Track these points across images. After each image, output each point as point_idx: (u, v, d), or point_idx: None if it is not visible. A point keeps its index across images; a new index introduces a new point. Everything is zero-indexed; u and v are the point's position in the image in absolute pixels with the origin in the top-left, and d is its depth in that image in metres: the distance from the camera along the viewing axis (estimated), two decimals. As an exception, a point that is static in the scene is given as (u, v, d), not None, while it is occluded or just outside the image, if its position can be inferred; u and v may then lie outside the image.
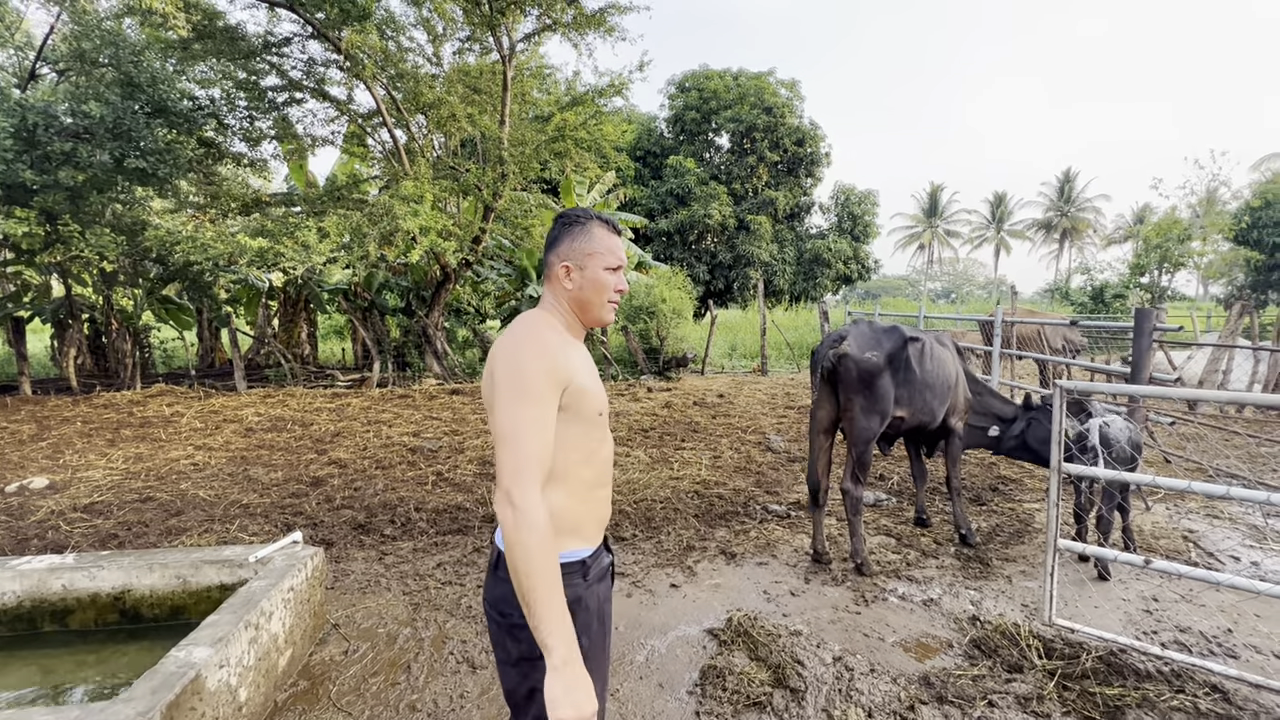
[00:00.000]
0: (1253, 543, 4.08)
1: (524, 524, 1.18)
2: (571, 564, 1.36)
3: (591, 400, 1.37)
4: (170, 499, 4.84)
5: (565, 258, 1.44)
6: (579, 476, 1.37)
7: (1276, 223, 18.41)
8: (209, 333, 13.60)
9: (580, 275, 1.43)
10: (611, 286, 1.46)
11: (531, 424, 1.24)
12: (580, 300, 1.45)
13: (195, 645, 2.10)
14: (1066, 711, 2.40)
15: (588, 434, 1.37)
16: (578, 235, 1.44)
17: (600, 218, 1.47)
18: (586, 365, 1.41)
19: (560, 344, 1.34)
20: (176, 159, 8.50)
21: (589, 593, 1.38)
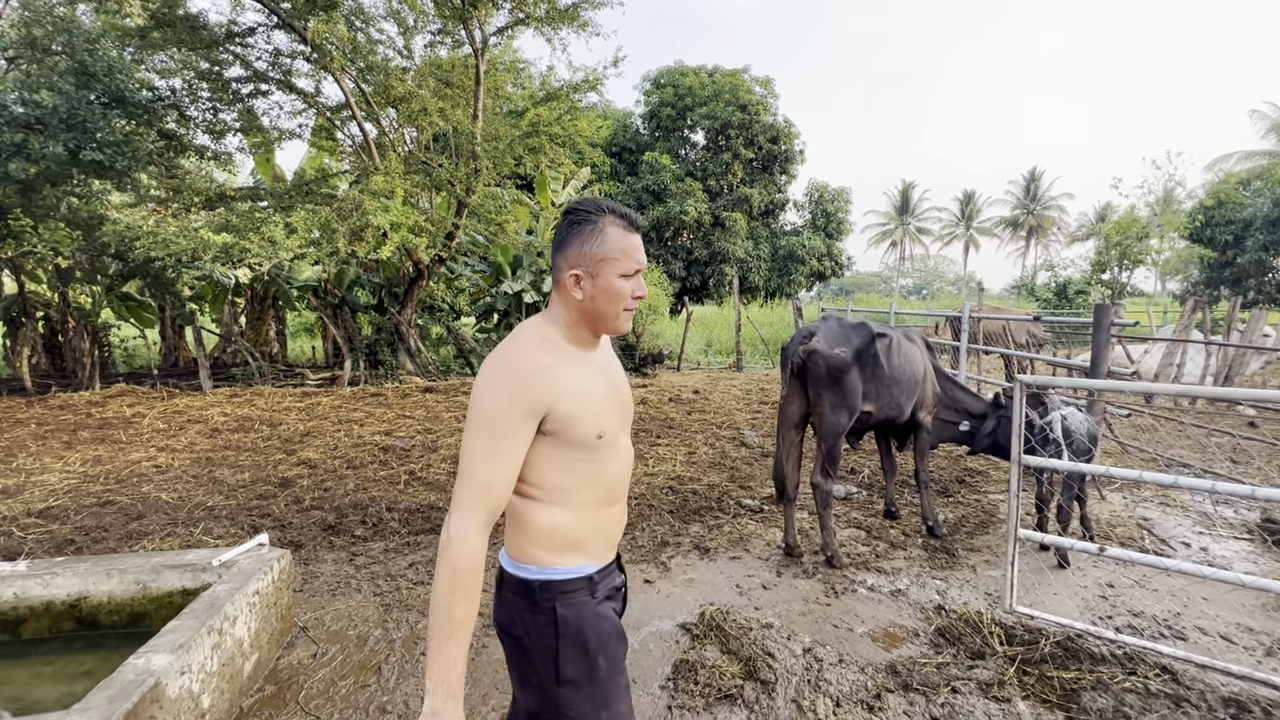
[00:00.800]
0: (1202, 529, 4.26)
1: (446, 554, 1.13)
2: (575, 580, 1.28)
3: (584, 425, 1.23)
4: (131, 502, 4.70)
5: (574, 264, 1.26)
6: (578, 499, 1.28)
7: (1229, 221, 19.14)
8: (172, 331, 13.20)
9: (591, 285, 1.26)
10: (629, 295, 1.28)
11: (481, 453, 1.17)
12: (591, 312, 1.28)
13: (155, 652, 2.05)
14: (1025, 695, 2.48)
15: (585, 458, 1.26)
16: (588, 237, 1.25)
17: (616, 212, 1.28)
18: (585, 383, 1.26)
19: (545, 367, 1.20)
20: (136, 151, 8.22)
21: (595, 613, 1.28)
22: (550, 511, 1.26)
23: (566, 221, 1.30)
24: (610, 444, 1.30)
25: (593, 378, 1.29)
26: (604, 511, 1.32)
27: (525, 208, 13.37)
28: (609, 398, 1.32)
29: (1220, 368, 8.39)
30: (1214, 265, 20.28)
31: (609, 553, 1.36)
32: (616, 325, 1.30)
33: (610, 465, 1.32)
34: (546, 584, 1.27)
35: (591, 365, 1.31)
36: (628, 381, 1.45)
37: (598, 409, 1.27)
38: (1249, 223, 18.53)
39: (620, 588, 1.41)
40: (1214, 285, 20.46)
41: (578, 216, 1.28)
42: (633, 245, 1.28)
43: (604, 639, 1.27)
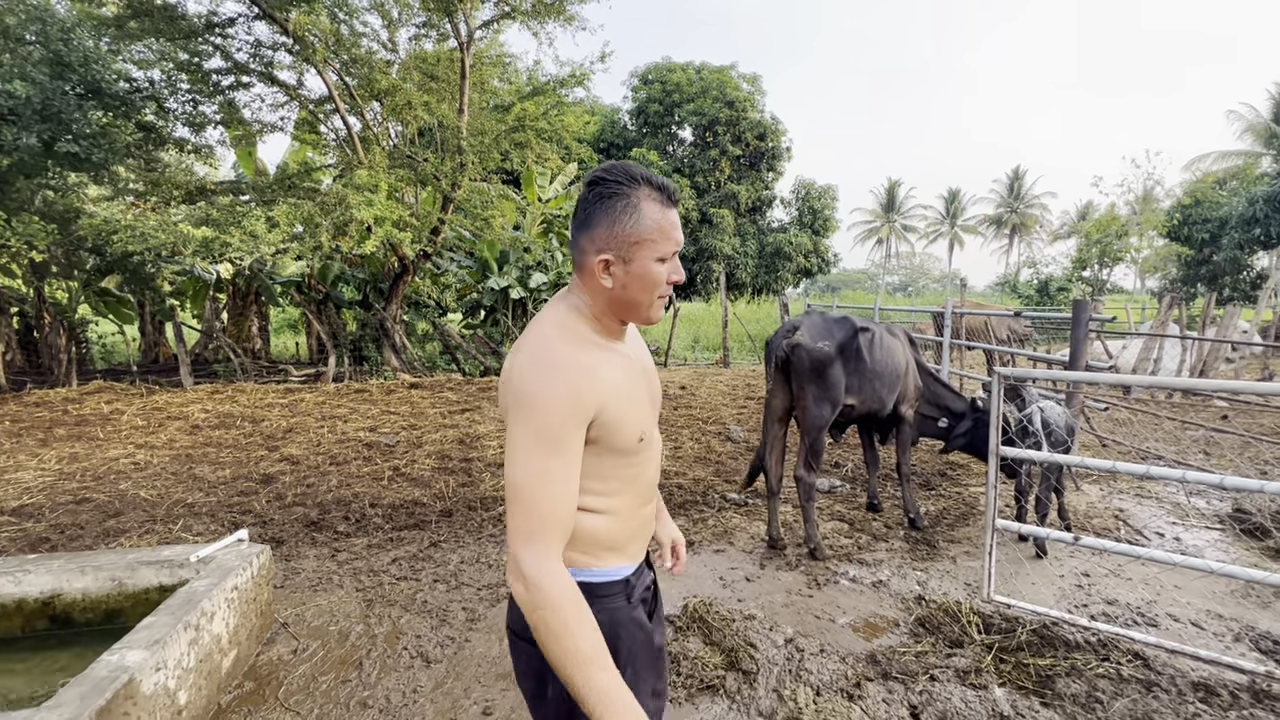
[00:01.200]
0: (1175, 519, 4.35)
1: (542, 603, 0.97)
2: (614, 584, 1.19)
3: (628, 428, 1.12)
4: (108, 500, 4.63)
5: (604, 247, 1.09)
6: (618, 503, 1.18)
7: (1205, 220, 19.50)
8: (152, 327, 13.00)
9: (624, 271, 1.10)
10: (664, 280, 1.12)
11: (547, 478, 1.00)
12: (622, 300, 1.13)
13: (129, 648, 2.02)
14: (1002, 682, 2.52)
15: (627, 462, 1.16)
16: (620, 215, 1.08)
17: (652, 182, 1.10)
18: (624, 382, 1.14)
19: (588, 365, 1.07)
20: (113, 143, 8.07)
21: (632, 616, 1.20)
22: (591, 517, 1.15)
23: (593, 194, 1.10)
24: (648, 445, 1.20)
25: (628, 373, 1.16)
26: (642, 512, 1.25)
27: (512, 203, 13.31)
28: (643, 394, 1.21)
29: (1196, 362, 8.56)
30: (1191, 263, 20.65)
31: (643, 552, 1.29)
32: (649, 315, 1.16)
33: (649, 466, 1.23)
34: (583, 585, 1.15)
35: (623, 358, 1.18)
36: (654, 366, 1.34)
37: (638, 409, 1.16)
38: (1224, 221, 18.88)
39: (650, 586, 1.33)
40: (1191, 282, 20.84)
41: (606, 188, 1.09)
42: (670, 223, 1.11)
43: (635, 649, 1.19)
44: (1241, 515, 4.16)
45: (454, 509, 4.53)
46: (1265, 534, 3.87)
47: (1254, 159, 24.13)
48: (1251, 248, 18.65)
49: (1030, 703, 2.40)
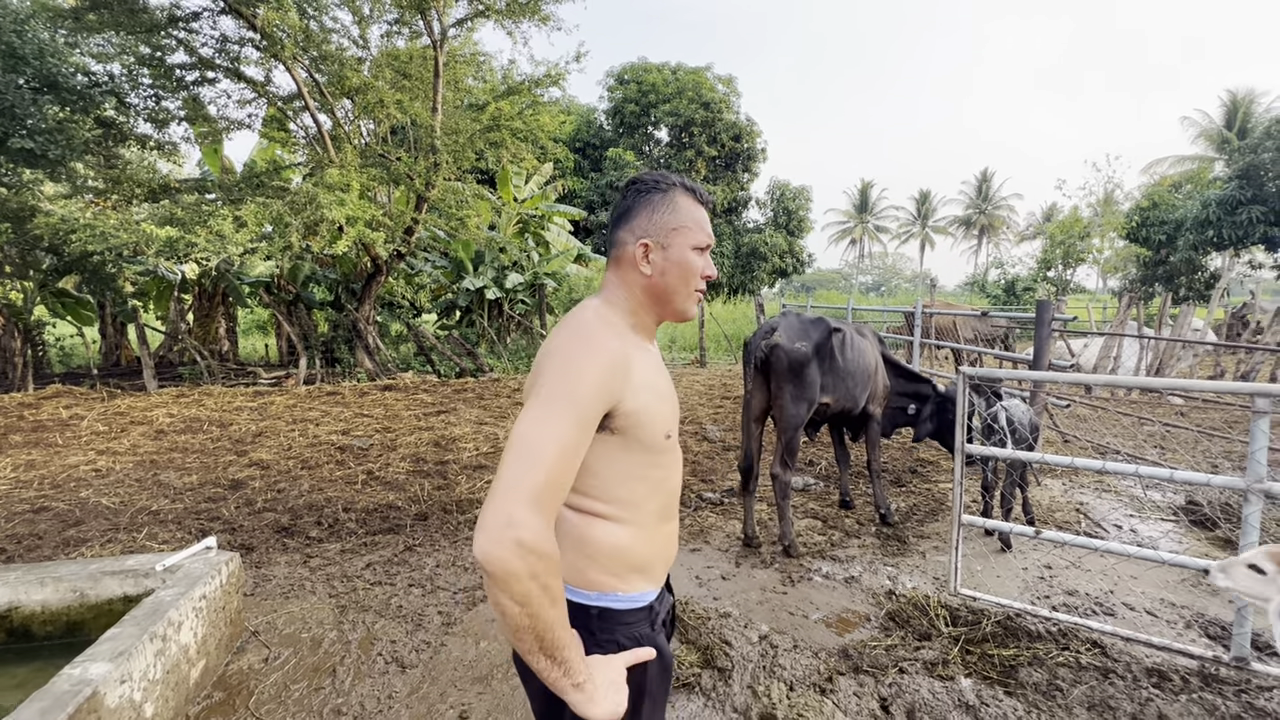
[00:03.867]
0: (1133, 512, 4.52)
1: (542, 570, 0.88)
2: (639, 610, 1.13)
3: (657, 423, 1.11)
4: (68, 508, 4.49)
5: (644, 233, 1.15)
6: (646, 510, 1.14)
7: (1162, 222, 20.22)
8: (113, 329, 12.61)
9: (663, 257, 1.15)
10: (699, 272, 1.18)
11: (558, 439, 0.95)
12: (659, 290, 1.16)
13: (92, 661, 1.97)
14: (968, 673, 2.60)
15: (654, 462, 1.13)
16: (659, 205, 1.16)
17: (685, 184, 1.18)
18: (654, 378, 1.13)
19: (623, 352, 1.06)
20: (70, 139, 7.82)
21: (656, 644, 1.14)
22: (618, 531, 1.11)
23: (632, 191, 1.19)
24: (674, 448, 1.19)
25: (658, 371, 1.17)
26: (666, 528, 1.21)
27: (487, 203, 13.20)
28: (673, 394, 1.21)
29: (1153, 361, 8.88)
30: (1149, 263, 21.40)
31: (665, 575, 1.24)
32: (685, 308, 1.19)
33: (675, 472, 1.21)
34: (607, 612, 1.10)
35: (653, 357, 1.19)
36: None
37: (668, 406, 1.15)
38: (1180, 223, 19.60)
39: (671, 610, 1.29)
40: (1149, 282, 21.60)
41: (645, 185, 1.18)
42: (703, 218, 1.19)
43: (656, 678, 1.14)
44: (1193, 507, 4.34)
45: (429, 512, 4.49)
46: (1214, 525, 4.05)
47: (1207, 163, 25.10)
48: (1205, 249, 19.40)
49: (995, 692, 2.48)
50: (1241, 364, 9.28)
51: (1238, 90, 25.28)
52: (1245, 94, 25.08)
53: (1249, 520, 2.41)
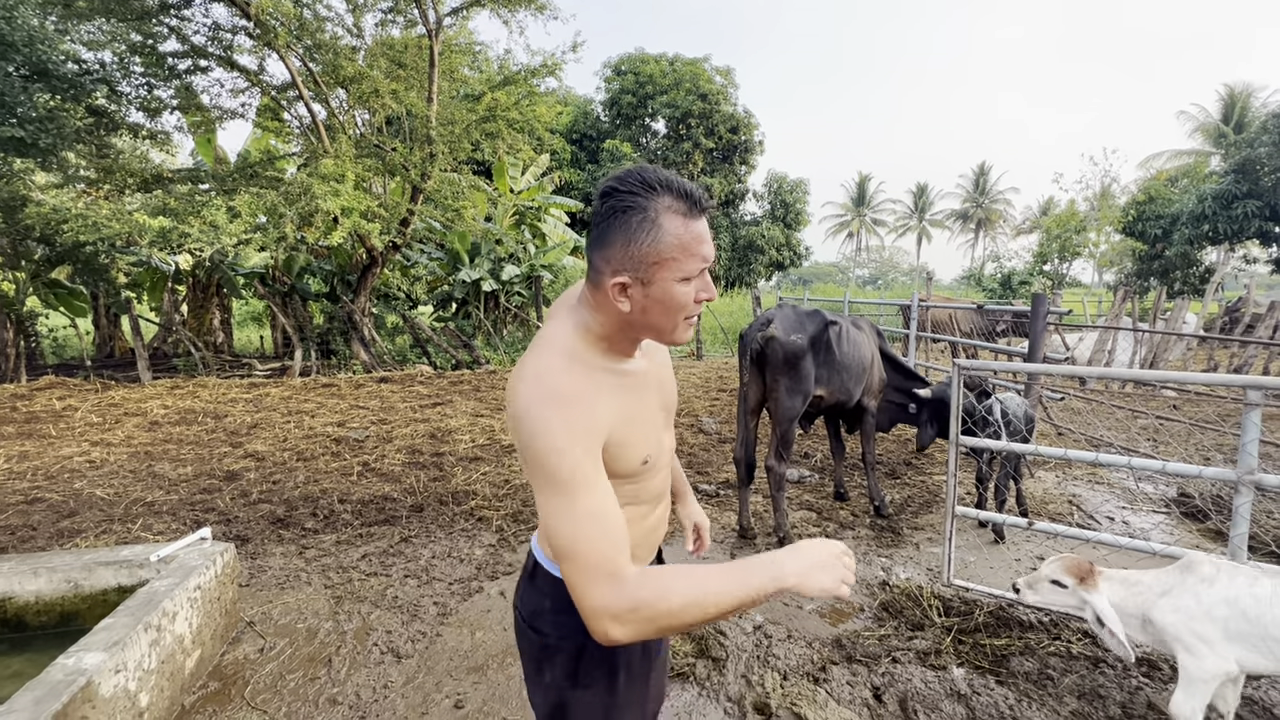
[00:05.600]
0: (1125, 504, 4.55)
1: (649, 613, 0.87)
2: None
3: (631, 452, 1.06)
4: (62, 499, 4.48)
5: (620, 268, 0.98)
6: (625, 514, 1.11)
7: (1158, 216, 20.25)
8: (107, 320, 12.55)
9: (643, 294, 0.99)
10: (691, 300, 1.01)
11: (584, 520, 0.92)
12: (640, 325, 1.03)
13: (87, 651, 1.97)
14: (960, 663, 2.62)
15: (629, 481, 1.11)
16: (636, 231, 0.96)
17: (673, 189, 0.97)
18: (629, 405, 1.06)
19: (589, 397, 0.98)
20: (61, 128, 7.74)
21: None
22: None
23: (605, 207, 0.98)
24: (654, 466, 1.14)
25: (632, 396, 1.08)
26: (648, 520, 1.19)
27: (483, 194, 13.14)
28: (651, 414, 1.14)
29: (1147, 354, 8.92)
30: (1145, 258, 21.44)
31: (652, 553, 1.25)
32: (674, 338, 1.05)
33: (653, 481, 1.17)
34: None
35: (630, 379, 1.10)
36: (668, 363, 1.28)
37: (642, 432, 1.09)
38: (1176, 218, 19.64)
39: None
40: (1145, 276, 21.65)
41: (620, 200, 0.96)
42: (695, 236, 0.97)
43: (632, 653, 1.17)
44: (1185, 499, 4.38)
45: (425, 504, 4.50)
46: (1206, 517, 4.08)
47: (1204, 158, 25.13)
48: (1200, 243, 19.44)
49: (986, 681, 2.50)
50: (1235, 357, 9.33)
51: (1235, 85, 25.30)
52: (1243, 88, 25.10)
53: (1239, 511, 2.43)
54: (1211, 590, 1.94)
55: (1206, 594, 1.95)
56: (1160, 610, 1.99)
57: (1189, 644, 1.94)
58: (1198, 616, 1.93)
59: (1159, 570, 2.10)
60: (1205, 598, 1.94)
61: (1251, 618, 1.87)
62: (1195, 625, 1.93)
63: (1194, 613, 1.94)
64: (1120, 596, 2.05)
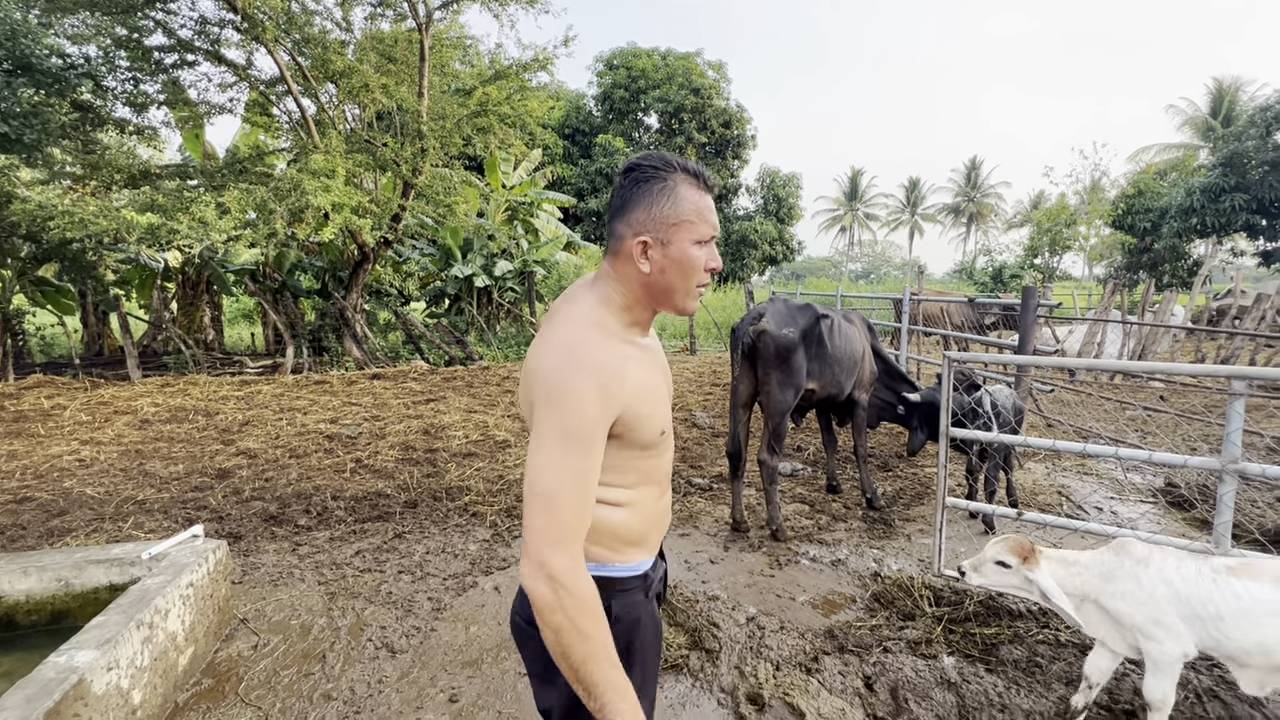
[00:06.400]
0: (1113, 494, 4.60)
1: (571, 605, 0.95)
2: (634, 579, 1.18)
3: (652, 423, 1.11)
4: (52, 498, 4.45)
5: (641, 229, 1.09)
6: (640, 493, 1.18)
7: (1147, 209, 20.41)
8: (95, 318, 12.43)
9: (662, 254, 1.09)
10: (702, 267, 1.11)
11: (572, 477, 0.98)
12: (659, 287, 1.11)
13: (79, 649, 1.97)
14: (951, 651, 2.65)
15: (646, 455, 1.15)
16: (658, 197, 1.08)
17: (688, 168, 1.10)
18: (649, 377, 1.12)
19: (617, 360, 1.05)
20: (46, 123, 7.64)
21: (649, 610, 1.20)
22: (615, 513, 1.14)
23: (629, 180, 1.11)
24: (667, 440, 1.20)
25: (650, 370, 1.14)
26: (660, 503, 1.23)
27: (475, 189, 13.09)
28: (664, 389, 1.20)
29: (1136, 346, 9.00)
30: (1134, 251, 21.61)
31: (659, 543, 1.29)
32: (686, 304, 1.14)
33: (665, 459, 1.22)
34: (604, 580, 1.15)
35: (645, 353, 1.16)
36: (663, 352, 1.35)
37: (660, 405, 1.15)
38: (1165, 211, 19.79)
39: (664, 576, 1.32)
40: (1134, 269, 21.83)
41: (643, 173, 1.10)
42: (707, 207, 1.11)
43: (645, 645, 1.19)
44: (1171, 489, 4.43)
45: (419, 500, 4.49)
46: (1191, 505, 4.13)
47: (1192, 151, 25.31)
48: (1189, 236, 19.61)
49: (976, 669, 2.53)
50: (1222, 349, 9.43)
51: (1223, 78, 25.48)
52: (1230, 82, 25.27)
53: (1224, 500, 2.47)
54: (1148, 571, 2.00)
55: (1144, 575, 2.00)
56: (1109, 597, 2.04)
57: (1147, 630, 1.98)
58: (1146, 601, 1.98)
59: (1094, 551, 2.16)
60: (1145, 580, 1.99)
61: (1182, 597, 1.94)
62: (1148, 610, 1.97)
63: (1140, 598, 1.99)
64: (1060, 575, 2.11)
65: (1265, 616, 1.83)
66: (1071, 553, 2.17)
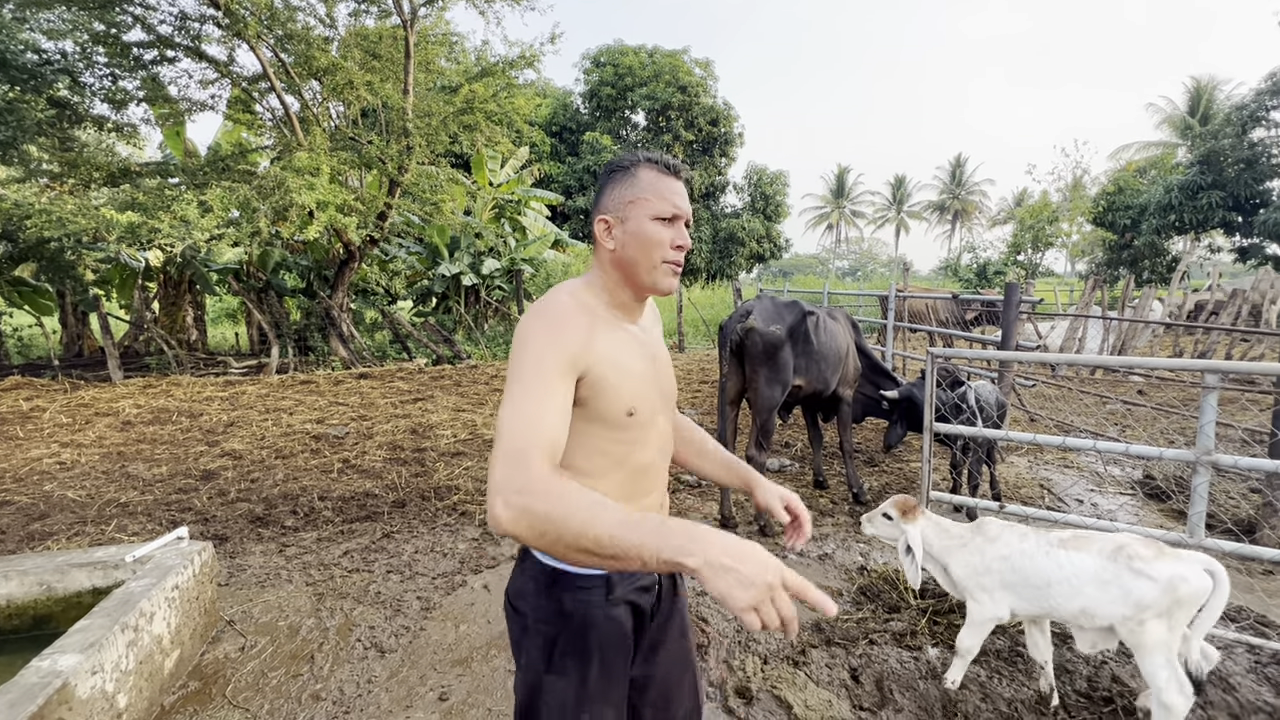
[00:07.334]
0: (1094, 487, 4.69)
1: (530, 501, 0.87)
2: (592, 578, 1.15)
3: (615, 396, 1.11)
4: (31, 502, 4.38)
5: (603, 211, 1.17)
6: (606, 484, 1.15)
7: (1127, 206, 20.74)
8: (74, 318, 12.21)
9: (622, 230, 1.15)
10: (666, 243, 1.14)
11: (524, 413, 0.97)
12: (624, 263, 1.16)
13: (62, 653, 1.95)
14: (935, 643, 2.69)
15: (615, 438, 1.14)
16: (619, 182, 1.17)
17: (652, 159, 1.17)
18: (621, 354, 1.14)
19: (582, 323, 1.09)
20: (21, 120, 7.51)
21: (606, 615, 1.15)
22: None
23: (603, 175, 1.22)
24: (642, 424, 1.18)
25: (629, 348, 1.17)
26: (632, 506, 1.18)
27: (462, 187, 13.00)
28: (646, 373, 1.20)
29: (1116, 341, 9.16)
30: (1114, 247, 21.95)
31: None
32: (654, 279, 1.16)
33: (641, 450, 1.19)
34: (560, 574, 1.16)
35: (628, 335, 1.19)
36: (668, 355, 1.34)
37: (633, 383, 1.15)
38: (1144, 208, 20.12)
39: (650, 588, 1.24)
40: (1115, 266, 22.17)
41: (612, 166, 1.20)
42: (668, 187, 1.15)
43: (605, 645, 1.16)
44: (1148, 481, 4.52)
45: (407, 499, 4.48)
46: (1168, 496, 4.23)
47: (1171, 149, 25.73)
48: (1168, 233, 19.96)
49: (959, 660, 2.57)
50: (1199, 343, 9.62)
51: (1201, 77, 25.91)
52: (1208, 81, 25.71)
53: (1198, 490, 2.53)
54: (993, 547, 2.26)
55: (989, 550, 2.26)
56: (955, 563, 2.32)
57: (974, 593, 2.27)
58: (980, 570, 2.25)
59: (963, 525, 2.42)
60: (987, 553, 2.25)
61: (1018, 569, 2.18)
62: (979, 578, 2.25)
63: (978, 567, 2.26)
64: (931, 536, 2.37)
65: (1086, 584, 2.06)
66: (948, 521, 2.42)
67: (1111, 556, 2.05)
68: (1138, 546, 2.04)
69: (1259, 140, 17.80)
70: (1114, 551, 2.05)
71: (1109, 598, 2.01)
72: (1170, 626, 1.96)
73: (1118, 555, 2.04)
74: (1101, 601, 2.02)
